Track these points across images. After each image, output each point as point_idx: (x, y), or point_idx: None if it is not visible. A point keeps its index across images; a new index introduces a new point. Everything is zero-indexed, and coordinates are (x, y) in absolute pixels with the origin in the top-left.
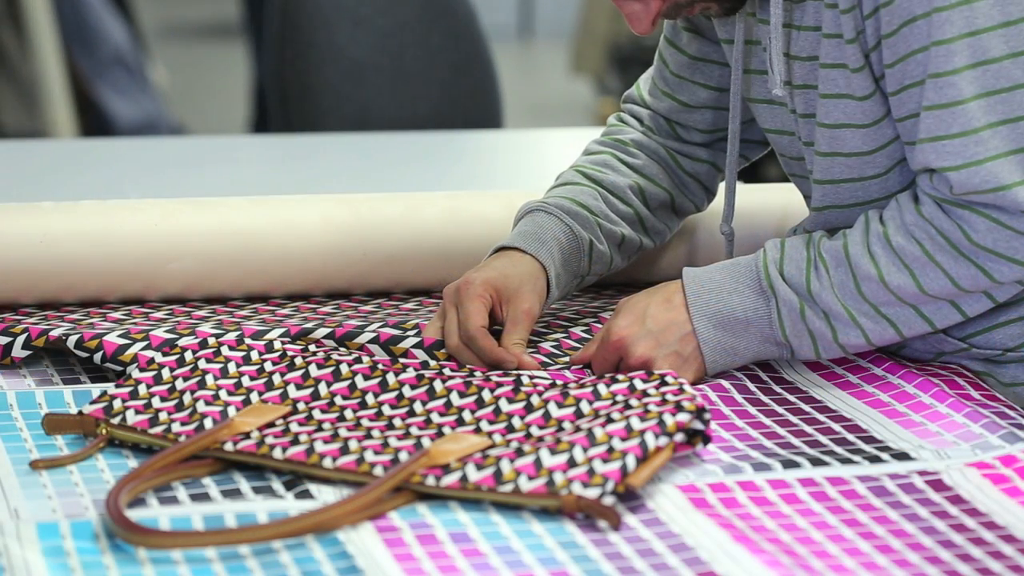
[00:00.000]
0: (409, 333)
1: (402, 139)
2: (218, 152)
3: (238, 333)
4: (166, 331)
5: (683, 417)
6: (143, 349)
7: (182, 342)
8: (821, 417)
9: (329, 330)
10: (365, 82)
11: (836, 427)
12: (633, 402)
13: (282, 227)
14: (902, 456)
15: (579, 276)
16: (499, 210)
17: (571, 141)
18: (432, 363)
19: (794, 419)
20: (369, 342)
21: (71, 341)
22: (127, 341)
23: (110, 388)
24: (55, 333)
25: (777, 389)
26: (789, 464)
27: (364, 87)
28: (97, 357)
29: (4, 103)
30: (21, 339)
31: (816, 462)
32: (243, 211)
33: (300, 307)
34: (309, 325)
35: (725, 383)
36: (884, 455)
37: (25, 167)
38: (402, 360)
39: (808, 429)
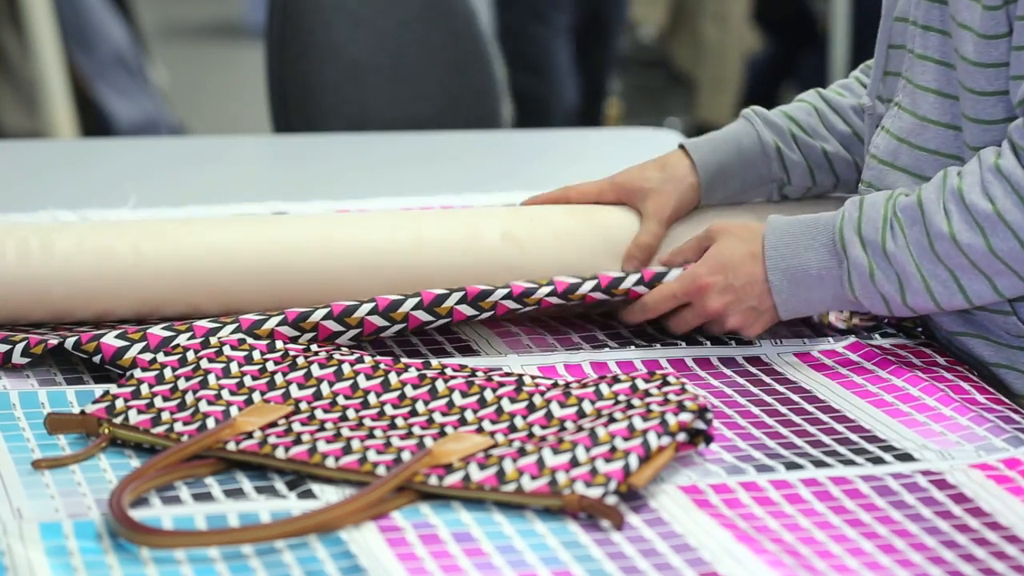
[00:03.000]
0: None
1: (402, 139)
2: (218, 152)
3: (236, 325)
4: (163, 328)
5: (685, 417)
6: (142, 351)
7: (184, 341)
8: (824, 417)
9: (326, 310)
10: (365, 82)
11: (839, 427)
12: (635, 402)
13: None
14: (905, 457)
15: (771, 181)
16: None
17: (572, 141)
18: (434, 362)
19: (797, 419)
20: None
21: (68, 343)
22: (125, 343)
23: (112, 388)
24: (53, 341)
25: (781, 389)
26: (792, 465)
27: (364, 87)
28: (96, 359)
29: (4, 103)
30: (20, 347)
31: (819, 463)
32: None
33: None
34: (307, 310)
35: (727, 389)
36: (887, 455)
37: (25, 167)
38: (404, 360)
39: (811, 429)
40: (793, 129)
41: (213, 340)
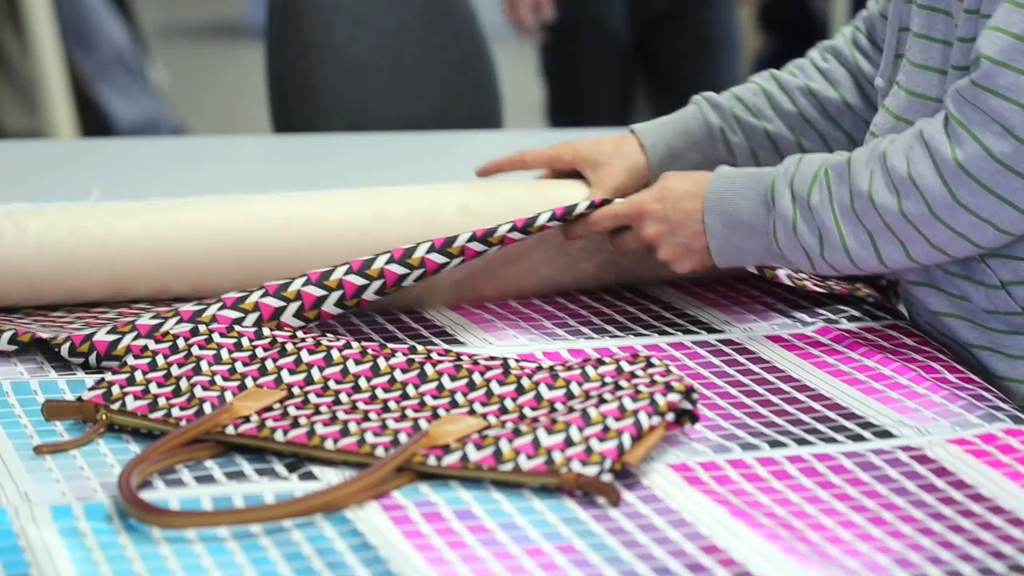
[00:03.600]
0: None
1: (402, 139)
2: (218, 152)
3: (220, 304)
4: (151, 318)
5: (673, 397)
6: (134, 340)
7: (173, 329)
8: (801, 396)
9: (304, 278)
10: (365, 82)
11: (816, 406)
12: (623, 383)
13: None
14: (884, 434)
15: (718, 163)
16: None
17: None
18: (420, 347)
19: (775, 399)
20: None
21: (64, 350)
22: (116, 336)
23: (107, 375)
24: (43, 334)
25: (756, 370)
26: (775, 443)
27: (364, 87)
28: (92, 359)
29: (4, 103)
30: (7, 335)
31: (801, 441)
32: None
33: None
34: (286, 280)
35: (704, 371)
36: (866, 432)
37: (25, 167)
38: (390, 345)
39: (789, 408)
40: (736, 111)
41: (202, 328)
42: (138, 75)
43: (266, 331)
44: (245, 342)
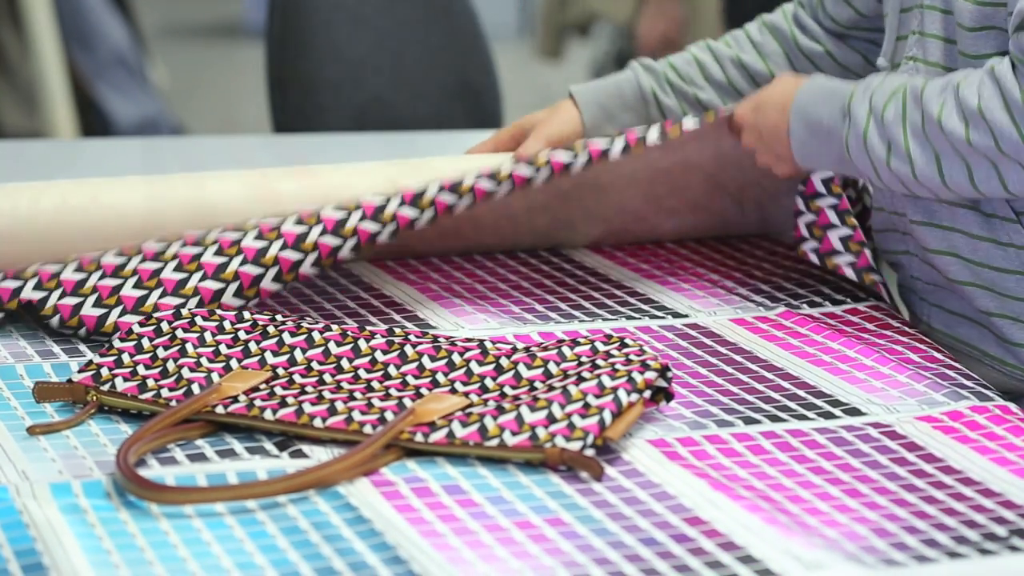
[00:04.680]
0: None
1: (402, 139)
2: (218, 152)
3: (201, 272)
4: (134, 286)
5: (650, 375)
6: (120, 315)
7: (157, 312)
8: (769, 375)
9: (281, 241)
10: (365, 82)
11: (785, 384)
12: (600, 362)
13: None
14: (853, 411)
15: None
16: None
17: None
18: (398, 330)
19: (744, 378)
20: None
21: (54, 322)
22: (103, 310)
23: (95, 357)
24: (28, 295)
25: (723, 351)
26: (749, 420)
27: (364, 87)
28: (82, 332)
29: (4, 103)
30: None
31: (774, 418)
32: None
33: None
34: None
35: (672, 352)
36: (836, 410)
37: (25, 167)
38: (368, 328)
39: (759, 387)
40: (670, 75)
41: (184, 311)
42: (138, 75)
43: (247, 314)
44: (227, 325)
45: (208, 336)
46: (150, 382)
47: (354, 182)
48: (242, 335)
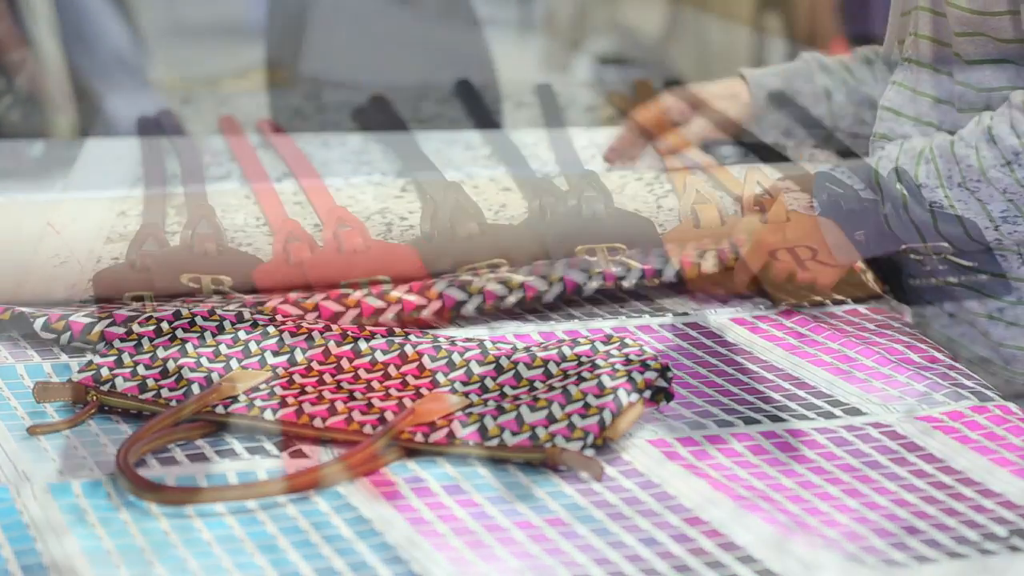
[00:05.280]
0: None
1: (403, 139)
2: (218, 152)
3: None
4: (130, 311)
5: (650, 375)
6: (108, 326)
7: (156, 313)
8: (769, 375)
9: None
10: (365, 82)
11: (785, 384)
12: (599, 362)
13: None
14: (853, 411)
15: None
16: None
17: (576, 137)
18: (398, 330)
19: (744, 378)
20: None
21: (38, 324)
22: (92, 320)
23: (95, 357)
24: (22, 308)
25: (722, 351)
26: (749, 420)
27: (364, 87)
28: (64, 338)
29: (4, 103)
30: None
31: (774, 418)
32: None
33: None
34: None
35: (673, 352)
36: (836, 410)
37: (25, 167)
38: (368, 328)
39: (759, 387)
40: (845, 76)
41: (184, 311)
42: (138, 75)
43: (247, 314)
44: (227, 325)
45: (208, 336)
46: (150, 382)
47: None
48: (242, 335)
